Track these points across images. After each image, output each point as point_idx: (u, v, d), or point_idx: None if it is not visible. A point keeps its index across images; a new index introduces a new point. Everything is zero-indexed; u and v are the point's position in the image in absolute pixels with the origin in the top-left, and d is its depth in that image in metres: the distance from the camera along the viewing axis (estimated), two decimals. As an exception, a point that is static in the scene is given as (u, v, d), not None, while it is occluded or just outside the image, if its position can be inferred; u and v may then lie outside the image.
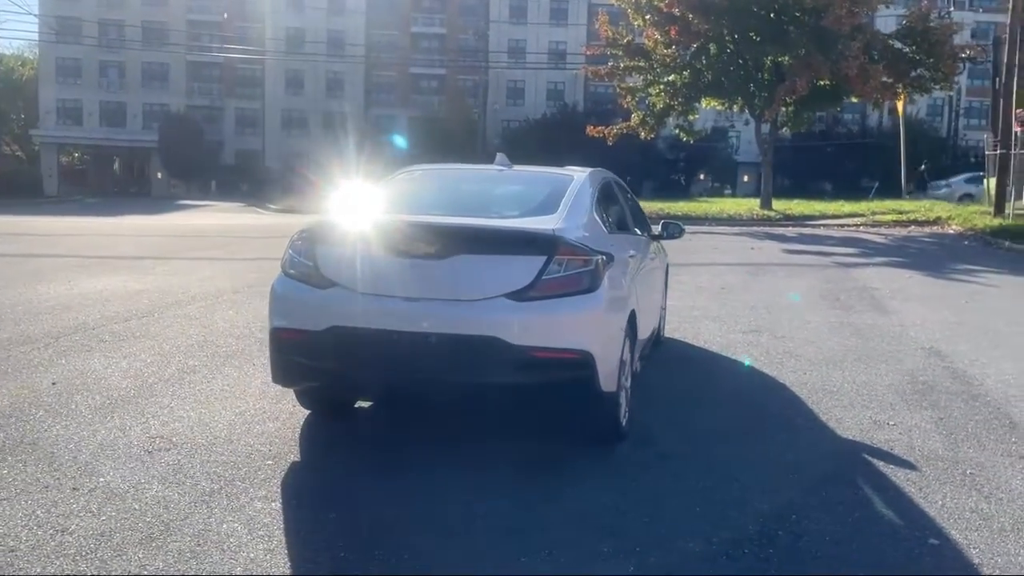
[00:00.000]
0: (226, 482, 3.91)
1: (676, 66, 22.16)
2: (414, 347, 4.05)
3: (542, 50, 62.17)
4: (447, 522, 3.54)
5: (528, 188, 5.21)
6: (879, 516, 3.68)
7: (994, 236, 17.54)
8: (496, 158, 5.50)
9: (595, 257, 4.16)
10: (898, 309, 9.25)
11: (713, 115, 35.34)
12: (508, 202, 4.94)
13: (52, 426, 4.62)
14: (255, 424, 4.76)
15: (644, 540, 3.37)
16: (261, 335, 7.12)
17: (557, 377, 4.03)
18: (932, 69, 20.94)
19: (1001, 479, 4.10)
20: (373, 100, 63.91)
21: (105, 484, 3.83)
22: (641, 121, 23.61)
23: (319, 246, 4.31)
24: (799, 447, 4.58)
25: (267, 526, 3.46)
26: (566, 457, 4.35)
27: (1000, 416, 5.17)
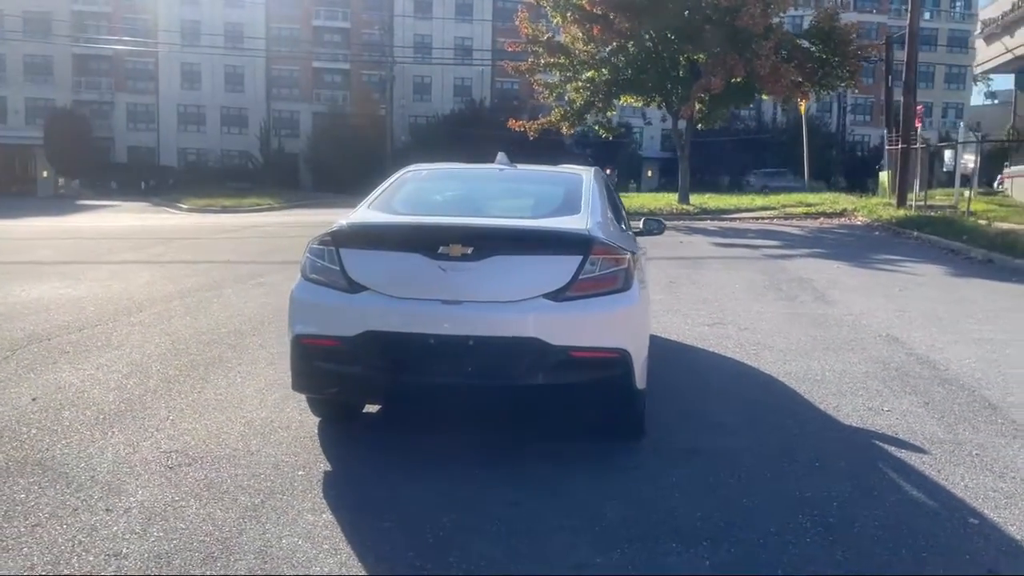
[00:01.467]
0: (265, 495, 3.78)
1: (595, 63, 22.50)
2: (452, 350, 4.01)
3: (448, 45, 61.92)
4: (509, 524, 3.52)
5: (544, 188, 5.22)
6: (914, 499, 3.86)
7: (901, 227, 18.52)
8: (497, 157, 5.48)
9: (627, 255, 4.22)
10: (840, 299, 9.67)
11: (619, 111, 36.15)
12: (529, 202, 4.94)
13: (52, 444, 4.36)
14: (268, 434, 4.61)
15: (707, 533, 3.43)
16: (232, 340, 6.93)
17: (595, 376, 4.06)
18: (838, 68, 21.96)
19: (1006, 458, 4.36)
20: (275, 95, 62.31)
21: (138, 503, 3.65)
22: (562, 116, 23.87)
23: (345, 249, 4.20)
24: (810, 436, 4.74)
25: (329, 539, 3.37)
26: (595, 453, 4.37)
27: (977, 399, 5.49)
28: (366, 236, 4.28)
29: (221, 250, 14.67)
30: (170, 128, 61.16)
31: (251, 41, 59.62)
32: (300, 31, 61.75)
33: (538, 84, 24.54)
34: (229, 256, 13.36)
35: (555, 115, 24.32)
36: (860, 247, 16.02)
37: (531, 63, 23.77)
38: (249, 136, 59.69)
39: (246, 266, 12.05)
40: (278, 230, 19.61)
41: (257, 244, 15.98)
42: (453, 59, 61.77)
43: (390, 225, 4.33)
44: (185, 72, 61.26)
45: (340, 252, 4.20)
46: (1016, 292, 10.39)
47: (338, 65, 63.07)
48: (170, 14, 59.41)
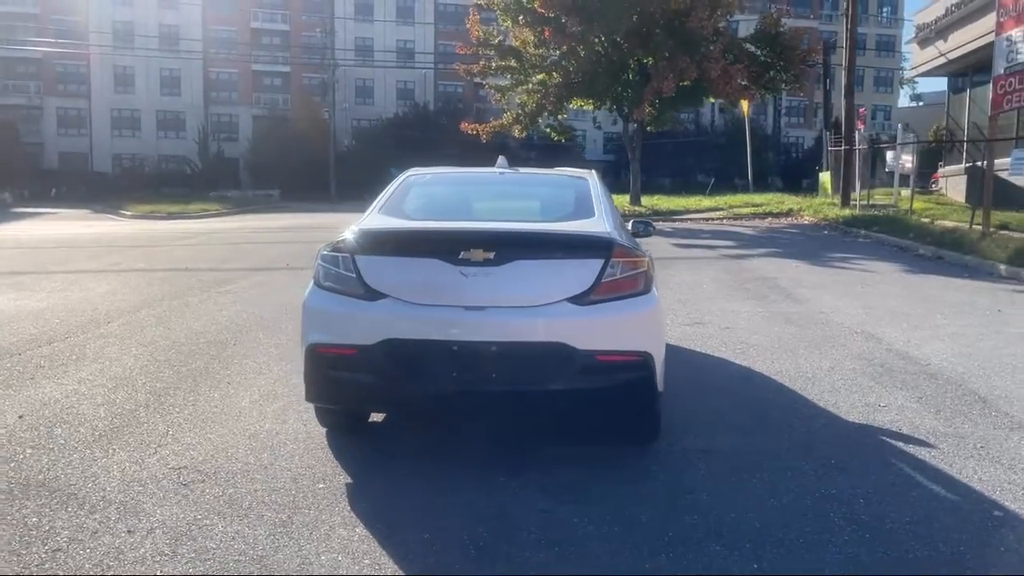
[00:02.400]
0: (291, 510, 3.68)
1: (546, 66, 22.58)
2: (475, 357, 3.96)
3: (390, 48, 61.53)
4: (545, 532, 3.48)
5: (553, 191, 5.20)
6: (935, 494, 3.94)
7: (848, 226, 19.00)
8: (497, 161, 5.44)
9: (645, 258, 4.22)
10: (808, 297, 9.86)
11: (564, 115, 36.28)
12: (542, 206, 4.91)
13: (52, 464, 4.17)
14: (276, 447, 4.49)
15: (746, 535, 3.45)
16: (214, 351, 6.75)
17: (620, 380, 4.04)
18: (783, 71, 22.46)
19: (1010, 451, 4.48)
20: (213, 98, 61.11)
21: (160, 524, 3.51)
22: (515, 120, 23.90)
23: (362, 256, 4.11)
24: (819, 434, 4.81)
25: (369, 554, 3.29)
26: (613, 457, 4.36)
27: (966, 392, 5.64)
28: (383, 242, 4.20)
29: (178, 257, 14.28)
30: (103, 133, 59.51)
31: (187, 43, 58.39)
32: (238, 33, 60.64)
33: (490, 87, 24.52)
34: (188, 263, 13.00)
35: (507, 118, 24.33)
36: (813, 246, 16.38)
37: (483, 66, 23.74)
38: (187, 140, 58.36)
39: (208, 274, 11.75)
40: (233, 236, 19.17)
41: (214, 251, 15.60)
42: (395, 62, 61.40)
43: (408, 231, 4.25)
44: (118, 75, 59.69)
45: (356, 259, 4.11)
46: (971, 288, 10.73)
47: (278, 68, 62.15)
48: (101, 15, 57.80)
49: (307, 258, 14.03)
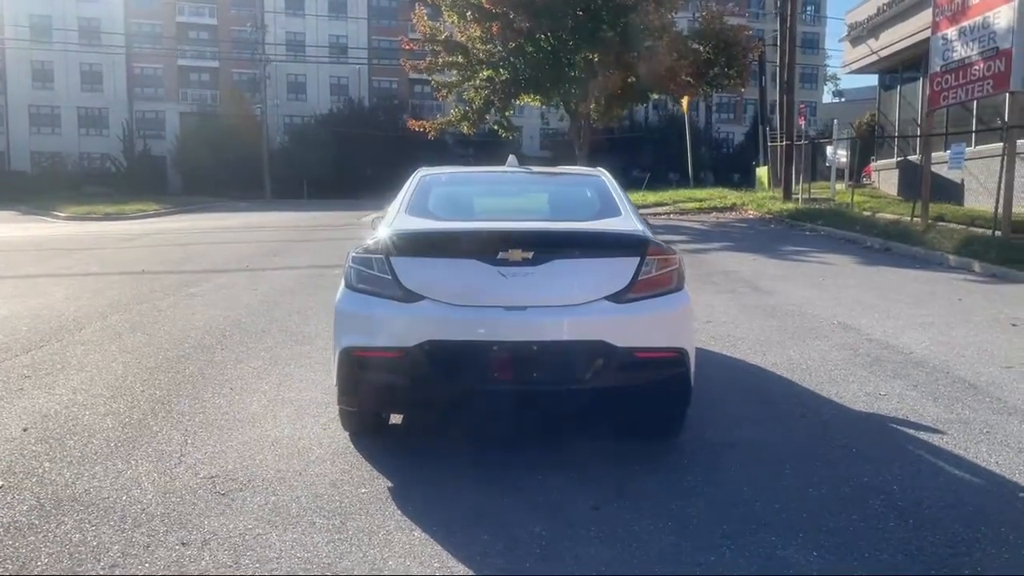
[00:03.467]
0: (342, 517, 3.63)
1: (493, 63, 22.56)
2: (516, 357, 3.96)
3: (322, 43, 60.55)
4: (601, 528, 3.51)
5: (572, 190, 5.21)
6: (960, 478, 4.10)
7: (794, 219, 19.53)
8: (508, 160, 5.43)
9: (676, 255, 4.29)
10: (775, 289, 10.12)
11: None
12: (568, 205, 4.92)
13: (76, 477, 4.03)
14: (303, 452, 4.42)
15: (796, 525, 3.54)
16: (203, 356, 6.61)
17: (657, 376, 4.10)
18: (727, 68, 22.92)
19: (1016, 434, 4.69)
20: (138, 94, 59.20)
21: (212, 534, 3.43)
22: (462, 116, 23.82)
23: (397, 258, 4.07)
24: (832, 424, 4.95)
25: (436, 556, 3.27)
26: (643, 452, 4.42)
27: (955, 379, 5.88)
28: (419, 244, 4.16)
29: (128, 260, 13.82)
30: (21, 130, 57.10)
31: (109, 37, 56.33)
32: (163, 27, 58.85)
33: (435, 84, 24.37)
34: (141, 266, 12.60)
35: (455, 115, 24.24)
36: (764, 239, 16.78)
37: (429, 62, 23.58)
38: (110, 138, 56.46)
39: (167, 277, 11.42)
40: (180, 238, 18.64)
41: (165, 253, 15.14)
42: (328, 58, 60.48)
43: (445, 232, 4.22)
44: (36, 70, 57.35)
45: (391, 261, 4.07)
46: (927, 278, 11.16)
47: (206, 63, 60.58)
48: (16, 9, 55.45)
49: (264, 259, 13.84)
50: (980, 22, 15.33)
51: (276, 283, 10.89)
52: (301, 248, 16.18)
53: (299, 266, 13.01)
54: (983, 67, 15.25)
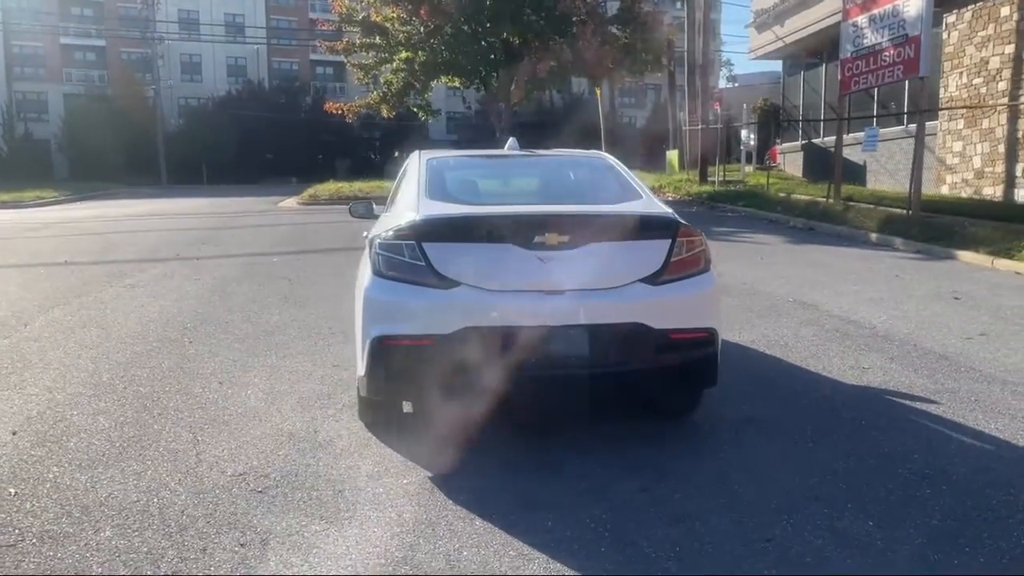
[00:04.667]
0: (395, 509, 3.54)
1: (412, 44, 22.21)
2: (554, 341, 3.95)
3: (217, 21, 58.24)
4: (659, 510, 3.53)
5: (586, 173, 5.18)
6: (971, 445, 4.30)
7: (714, 201, 20.07)
8: (508, 143, 5.36)
9: (702, 236, 4.34)
10: (722, 270, 10.18)
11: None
12: (588, 188, 4.88)
13: (94, 482, 3.80)
14: (324, 445, 4.28)
15: (842, 496, 3.65)
16: (173, 350, 6.34)
17: (691, 356, 4.15)
18: (643, 53, 23.26)
19: (1003, 401, 4.96)
20: (17, 75, 55.65)
21: (267, 532, 3.29)
22: (381, 99, 23.37)
23: (430, 244, 3.97)
24: (833, 399, 5.09)
25: (511, 545, 3.22)
26: (666, 432, 4.47)
27: (925, 351, 6.17)
28: (453, 229, 4.06)
29: (45, 250, 13.03)
30: None
31: (-18, 14, 52.74)
32: (43, 3, 55.39)
33: (351, 65, 23.82)
34: (64, 256, 11.91)
35: (373, 97, 23.76)
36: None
37: (346, 43, 23.02)
38: (-11, 120, 52.90)
39: (94, 268, 10.84)
40: (91, 226, 17.69)
41: (81, 243, 14.33)
42: (224, 37, 58.27)
43: (480, 216, 4.14)
44: (-100, 48, 53.13)
45: (424, 246, 3.97)
46: (859, 255, 11.68)
47: (92, 41, 57.46)
48: None
49: (193, 248, 13.30)
50: (890, 10, 16.05)
51: (217, 272, 10.49)
52: (228, 236, 15.62)
53: (234, 254, 12.56)
54: (894, 53, 16.00)
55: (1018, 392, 5.14)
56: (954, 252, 11.08)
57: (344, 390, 5.25)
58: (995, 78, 17.86)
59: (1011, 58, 17.32)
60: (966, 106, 18.16)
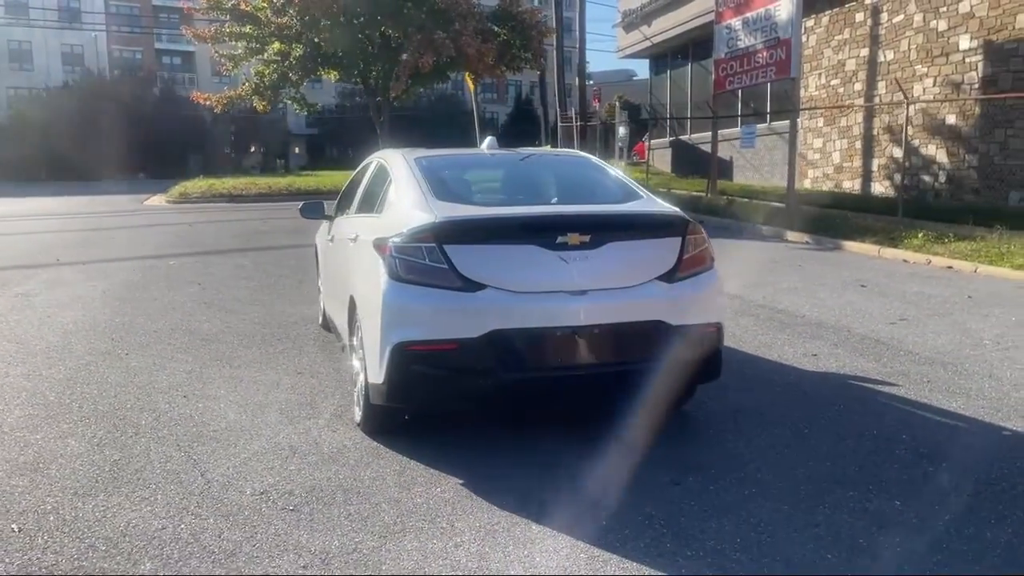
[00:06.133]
0: (446, 518, 3.44)
1: (288, 36, 21.46)
2: (579, 341, 3.96)
3: (50, 6, 54.09)
4: (700, 500, 3.61)
5: (583, 173, 5.14)
6: (947, 423, 4.61)
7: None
8: (486, 141, 5.27)
9: (705, 234, 4.46)
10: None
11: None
12: (590, 188, 4.86)
13: (102, 511, 3.49)
14: (335, 457, 4.11)
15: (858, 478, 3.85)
16: (117, 364, 5.93)
17: (703, 351, 4.25)
18: (524, 50, 23.47)
19: (951, 382, 5.35)
20: None
21: (324, 552, 3.13)
22: (254, 91, 22.41)
23: (452, 246, 3.88)
24: (800, 386, 5.35)
25: (580, 548, 3.21)
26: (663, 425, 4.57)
27: (861, 337, 6.58)
28: (475, 230, 3.97)
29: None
30: None
31: None
32: None
33: (219, 55, 22.72)
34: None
35: (245, 89, 22.75)
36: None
37: (215, 31, 21.93)
38: None
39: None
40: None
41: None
42: (58, 23, 54.19)
43: (503, 217, 4.06)
44: None
45: (446, 249, 3.88)
46: (758, 247, 12.29)
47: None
48: None
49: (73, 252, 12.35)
50: (763, 13, 16.95)
51: (115, 278, 9.80)
52: (105, 238, 14.63)
53: (123, 258, 11.78)
54: (767, 55, 16.92)
55: (960, 372, 5.58)
56: (841, 242, 11.87)
57: (323, 399, 5.06)
58: (851, 79, 19.25)
59: (866, 60, 18.71)
60: (835, 106, 19.43)
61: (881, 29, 18.12)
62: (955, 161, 16.11)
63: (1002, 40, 14.86)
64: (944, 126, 16.34)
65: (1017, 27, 14.49)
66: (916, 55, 16.95)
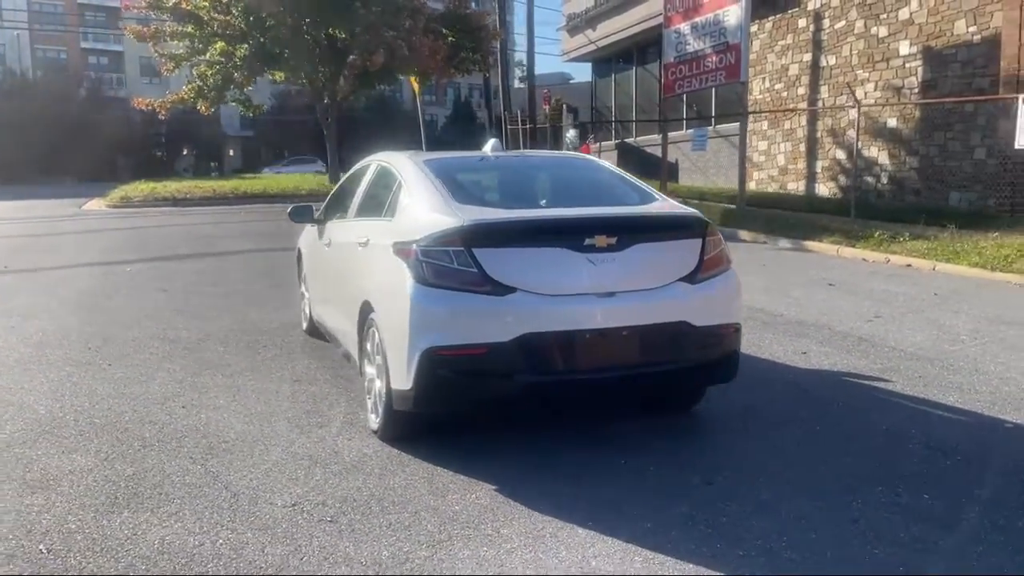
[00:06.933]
0: (490, 525, 3.39)
1: (231, 36, 20.97)
2: (608, 343, 3.95)
3: (-33, 3, 51.89)
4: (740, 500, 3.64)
5: (594, 175, 5.11)
6: (950, 419, 4.73)
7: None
8: (490, 144, 5.22)
9: (720, 235, 4.50)
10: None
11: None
12: (606, 190, 4.83)
13: (135, 529, 3.35)
14: (360, 467, 4.03)
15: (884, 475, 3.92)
16: (99, 375, 5.69)
17: (723, 350, 4.29)
18: (472, 51, 23.42)
19: (941, 378, 5.51)
20: None
21: (375, 562, 3.06)
22: (198, 93, 21.83)
23: (480, 249, 3.84)
24: (799, 384, 5.44)
25: (632, 551, 3.20)
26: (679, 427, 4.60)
27: (843, 334, 6.75)
28: (504, 233, 3.93)
29: None
30: None
31: None
32: None
33: (159, 54, 22.08)
34: None
35: (188, 91, 22.15)
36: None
37: (155, 29, 21.29)
38: None
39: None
40: None
41: None
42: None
43: (532, 220, 4.02)
44: None
45: (475, 252, 3.83)
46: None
47: None
48: None
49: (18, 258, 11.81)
50: (712, 18, 17.27)
51: (73, 285, 9.45)
52: (50, 244, 14.09)
53: (76, 264, 11.34)
54: (716, 59, 17.23)
55: (947, 367, 5.76)
56: (800, 242, 12.16)
57: (328, 406, 4.96)
58: (795, 83, 19.74)
59: (808, 65, 19.21)
60: (784, 109, 19.88)
61: (823, 35, 18.63)
62: (896, 163, 16.65)
63: (940, 46, 15.42)
64: (886, 129, 16.87)
65: (955, 33, 15.05)
66: (858, 60, 17.46)
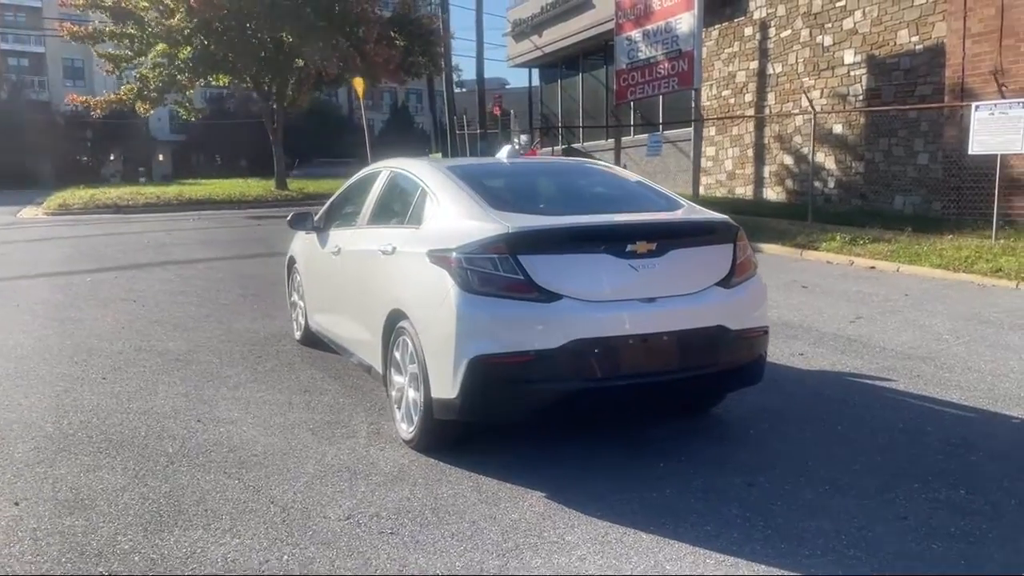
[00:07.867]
0: (554, 532, 3.40)
1: (173, 38, 20.42)
2: (650, 348, 3.98)
3: None
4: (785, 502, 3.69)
5: (619, 181, 5.13)
6: (959, 416, 4.89)
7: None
8: (504, 150, 5.19)
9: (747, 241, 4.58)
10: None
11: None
12: (635, 196, 4.85)
13: (193, 548, 3.25)
14: (403, 477, 3.98)
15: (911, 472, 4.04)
16: (99, 389, 5.53)
17: (755, 354, 4.37)
18: (423, 55, 23.28)
19: (937, 376, 5.70)
20: None
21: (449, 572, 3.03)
22: (138, 94, 21.16)
23: (526, 256, 3.83)
24: (806, 384, 5.56)
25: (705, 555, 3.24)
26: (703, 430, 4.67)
27: (831, 335, 6.92)
28: (549, 240, 3.92)
29: None
30: None
31: None
32: None
33: (99, 55, 21.35)
34: None
35: (126, 91, 21.45)
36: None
37: (92, 30, 20.57)
38: None
39: None
40: None
41: None
42: None
43: (576, 227, 4.01)
44: None
45: (520, 259, 3.82)
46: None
47: None
48: None
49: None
50: (663, 26, 17.56)
51: (33, 296, 9.11)
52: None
53: (31, 275, 10.91)
54: (668, 66, 17.52)
55: (941, 366, 5.96)
56: (760, 245, 12.41)
57: (349, 416, 4.90)
58: (742, 90, 20.18)
59: (755, 73, 19.67)
60: (736, 116, 20.26)
61: (770, 43, 19.09)
62: (843, 168, 17.16)
63: (884, 55, 15.97)
64: (832, 135, 17.39)
65: (898, 43, 15.61)
66: (804, 68, 17.95)
